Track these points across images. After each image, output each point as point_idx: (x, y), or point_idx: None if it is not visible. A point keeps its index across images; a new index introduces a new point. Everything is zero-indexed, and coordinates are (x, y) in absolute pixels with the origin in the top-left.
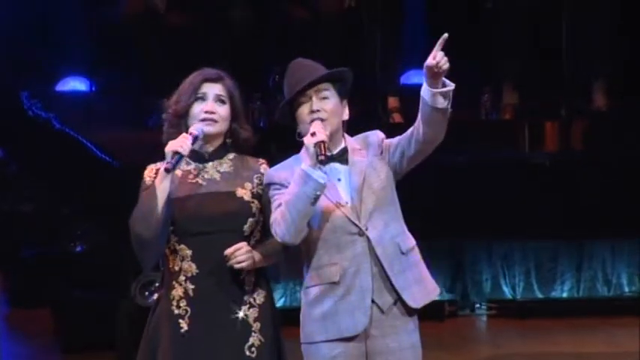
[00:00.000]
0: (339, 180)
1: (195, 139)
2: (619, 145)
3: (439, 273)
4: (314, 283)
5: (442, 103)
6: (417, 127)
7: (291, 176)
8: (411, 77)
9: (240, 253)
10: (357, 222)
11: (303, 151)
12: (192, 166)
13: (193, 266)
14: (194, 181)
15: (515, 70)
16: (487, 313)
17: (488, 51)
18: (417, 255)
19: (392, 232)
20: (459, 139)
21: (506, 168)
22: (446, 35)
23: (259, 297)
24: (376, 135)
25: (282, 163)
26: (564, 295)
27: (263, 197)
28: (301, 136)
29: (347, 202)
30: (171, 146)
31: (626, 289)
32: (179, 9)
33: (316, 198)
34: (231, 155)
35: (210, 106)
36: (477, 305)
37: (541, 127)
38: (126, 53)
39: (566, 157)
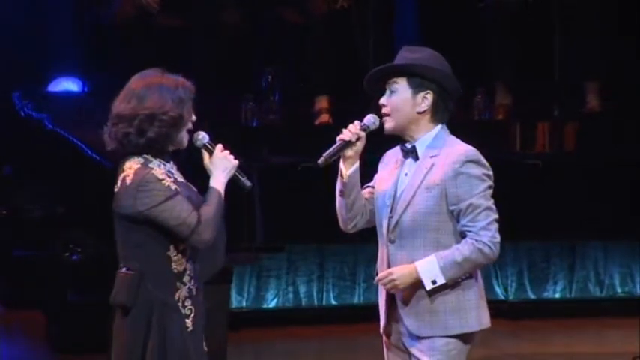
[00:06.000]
0: (406, 175)
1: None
2: (611, 146)
3: None
4: None
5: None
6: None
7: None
8: None
9: None
10: (386, 229)
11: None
12: (167, 167)
13: (197, 264)
14: (183, 180)
15: (508, 70)
16: None
17: (480, 51)
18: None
19: (415, 259)
20: None
21: (498, 168)
22: None
23: None
24: (468, 170)
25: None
26: (557, 295)
27: None
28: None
29: (390, 204)
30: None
31: (619, 290)
32: (171, 10)
33: (341, 191)
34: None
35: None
36: None
37: (534, 128)
38: (118, 54)
39: (559, 158)
